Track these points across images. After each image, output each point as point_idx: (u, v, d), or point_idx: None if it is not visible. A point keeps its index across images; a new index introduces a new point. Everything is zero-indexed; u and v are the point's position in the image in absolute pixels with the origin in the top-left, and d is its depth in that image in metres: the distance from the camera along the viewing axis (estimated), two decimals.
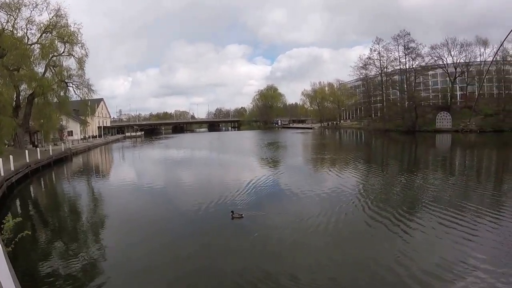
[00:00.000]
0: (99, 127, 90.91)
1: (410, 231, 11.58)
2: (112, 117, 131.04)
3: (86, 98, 50.20)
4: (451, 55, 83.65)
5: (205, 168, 30.14)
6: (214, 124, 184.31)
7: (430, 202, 15.37)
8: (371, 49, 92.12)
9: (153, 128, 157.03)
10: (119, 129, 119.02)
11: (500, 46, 73.17)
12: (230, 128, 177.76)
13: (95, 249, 11.21)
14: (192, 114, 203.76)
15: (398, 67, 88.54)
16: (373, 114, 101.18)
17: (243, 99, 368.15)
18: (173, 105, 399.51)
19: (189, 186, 22.06)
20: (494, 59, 76.76)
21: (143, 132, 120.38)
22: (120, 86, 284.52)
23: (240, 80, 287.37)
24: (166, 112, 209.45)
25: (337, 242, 11.03)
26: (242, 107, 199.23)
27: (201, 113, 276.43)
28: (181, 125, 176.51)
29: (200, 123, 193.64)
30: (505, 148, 43.65)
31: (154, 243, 11.39)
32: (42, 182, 28.43)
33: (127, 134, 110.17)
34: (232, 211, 13.51)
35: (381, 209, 14.45)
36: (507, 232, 11.12)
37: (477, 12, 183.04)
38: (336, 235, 11.54)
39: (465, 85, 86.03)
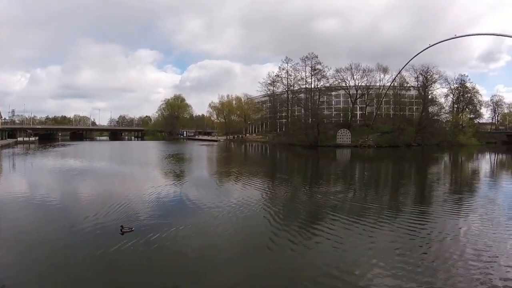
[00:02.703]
0: None
1: (314, 239, 11.64)
2: (3, 118, 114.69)
3: None
4: (353, 79, 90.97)
5: (105, 180, 26.66)
6: (116, 132, 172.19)
7: (332, 210, 15.73)
8: (280, 68, 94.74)
9: (49, 134, 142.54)
10: (11, 133, 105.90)
11: (398, 74, 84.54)
12: (133, 137, 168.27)
13: None
14: (93, 120, 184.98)
15: (304, 86, 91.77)
16: (278, 129, 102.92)
17: (150, 107, 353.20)
18: (73, 108, 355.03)
19: (85, 200, 18.68)
20: (391, 85, 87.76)
21: (37, 138, 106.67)
22: (17, 82, 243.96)
23: (148, 87, 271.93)
24: (65, 116, 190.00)
25: (243, 252, 10.61)
26: (147, 116, 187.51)
27: (103, 120, 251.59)
28: (80, 132, 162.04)
29: (102, 130, 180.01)
30: (398, 161, 48.74)
31: (42, 265, 9.42)
32: None
33: (19, 139, 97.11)
34: (121, 226, 12.21)
35: (286, 218, 14.33)
36: (401, 234, 11.91)
37: (381, 43, 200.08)
38: (242, 246, 11.14)
39: (365, 105, 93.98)
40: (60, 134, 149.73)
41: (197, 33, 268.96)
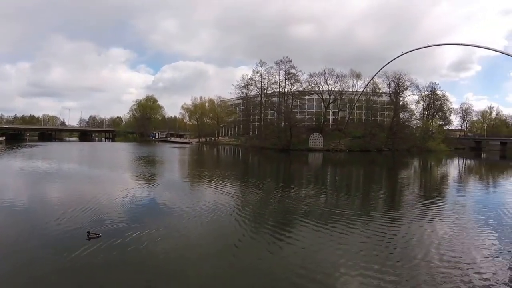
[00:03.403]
0: None
1: (284, 240, 11.72)
2: None
3: None
4: (327, 84, 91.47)
5: (73, 183, 25.34)
6: (86, 133, 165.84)
7: (302, 214, 15.71)
8: (254, 71, 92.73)
9: (17, 134, 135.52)
10: None
11: (370, 80, 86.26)
12: (104, 138, 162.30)
13: None
14: (62, 120, 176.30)
15: (278, 90, 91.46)
16: (250, 132, 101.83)
17: (121, 108, 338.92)
18: (42, 108, 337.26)
19: (52, 204, 17.75)
20: (364, 90, 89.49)
21: (4, 138, 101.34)
22: None
23: (119, 87, 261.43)
24: (33, 116, 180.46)
25: (211, 253, 10.58)
26: (118, 117, 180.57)
27: (73, 120, 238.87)
28: (49, 132, 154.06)
29: (71, 131, 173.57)
30: (370, 165, 49.28)
31: (3, 269, 9.07)
32: None
33: None
34: (88, 231, 11.74)
35: (255, 221, 14.40)
36: (369, 236, 12.18)
37: (355, 49, 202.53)
38: (211, 247, 11.09)
39: (337, 110, 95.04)
40: (28, 134, 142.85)
41: (172, 33, 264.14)
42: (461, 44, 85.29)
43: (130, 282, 8.60)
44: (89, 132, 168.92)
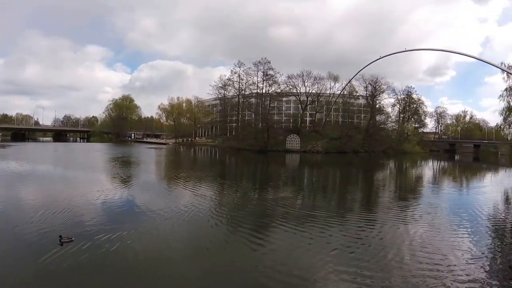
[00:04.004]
0: None
1: (257, 241, 11.60)
2: None
3: None
4: (305, 86, 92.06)
5: (46, 185, 24.36)
6: (61, 133, 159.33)
7: (280, 214, 15.76)
8: (232, 71, 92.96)
9: None
10: None
11: (348, 83, 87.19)
12: (79, 139, 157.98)
13: None
14: (36, 119, 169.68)
15: (256, 91, 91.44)
16: (228, 133, 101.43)
17: (97, 107, 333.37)
18: (15, 106, 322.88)
19: (24, 206, 16.76)
20: (341, 93, 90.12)
21: None
22: None
23: (95, 86, 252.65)
24: (6, 115, 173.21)
25: (185, 254, 10.51)
26: (93, 116, 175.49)
27: (47, 119, 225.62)
28: (22, 132, 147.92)
29: (45, 131, 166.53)
30: (346, 167, 49.35)
31: None
32: None
33: None
34: (60, 236, 11.17)
35: (231, 222, 14.25)
36: (347, 236, 12.28)
37: (334, 52, 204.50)
38: (184, 248, 11.03)
39: (315, 112, 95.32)
40: (0, 134, 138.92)
41: (151, 32, 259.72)
42: (438, 50, 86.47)
43: (101, 286, 8.39)
44: (63, 132, 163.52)
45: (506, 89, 31.13)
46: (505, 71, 28.06)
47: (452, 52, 77.52)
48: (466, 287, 8.33)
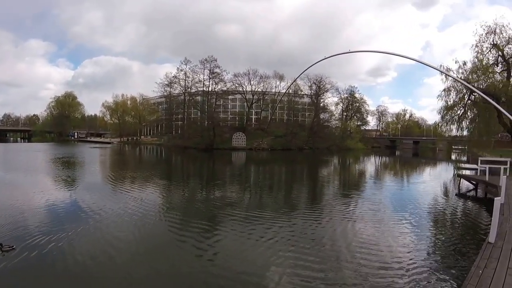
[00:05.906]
0: None
1: (209, 242, 11.43)
2: None
3: None
4: (250, 84, 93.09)
5: None
6: (0, 133, 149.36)
7: (228, 214, 15.69)
8: (178, 69, 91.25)
9: None
10: None
11: (293, 82, 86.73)
12: (19, 139, 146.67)
13: None
14: None
15: (202, 89, 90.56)
16: (174, 131, 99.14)
17: (38, 105, 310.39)
18: None
19: None
20: (287, 91, 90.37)
21: None
22: None
23: (37, 82, 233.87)
24: None
25: (135, 259, 9.97)
26: (35, 115, 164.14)
27: None
28: None
29: None
30: (291, 163, 50.43)
31: None
32: None
33: None
34: (0, 243, 10.32)
35: (180, 224, 13.73)
36: (299, 230, 12.67)
37: (280, 52, 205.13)
38: (132, 250, 10.65)
39: (260, 110, 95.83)
40: None
41: (96, 26, 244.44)
42: (380, 52, 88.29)
43: None
44: (3, 132, 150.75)
45: (444, 90, 32.73)
46: (443, 72, 29.49)
47: (394, 55, 77.65)
48: (412, 274, 8.53)
